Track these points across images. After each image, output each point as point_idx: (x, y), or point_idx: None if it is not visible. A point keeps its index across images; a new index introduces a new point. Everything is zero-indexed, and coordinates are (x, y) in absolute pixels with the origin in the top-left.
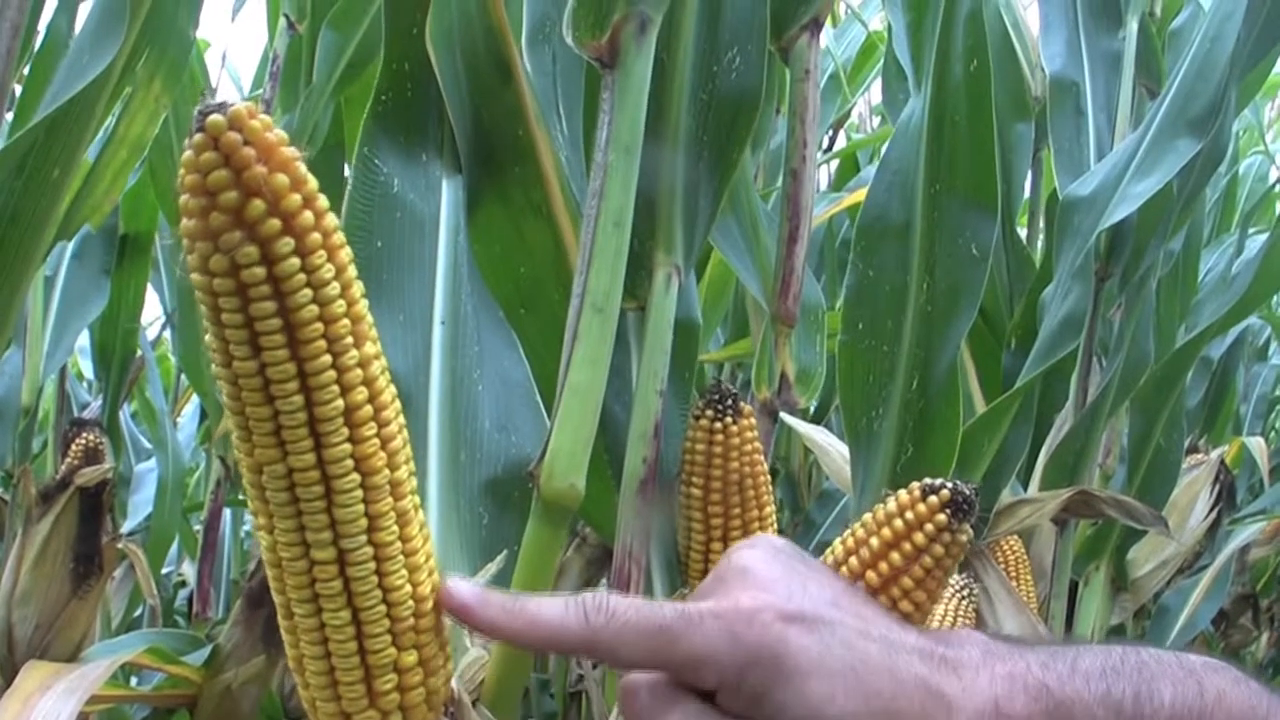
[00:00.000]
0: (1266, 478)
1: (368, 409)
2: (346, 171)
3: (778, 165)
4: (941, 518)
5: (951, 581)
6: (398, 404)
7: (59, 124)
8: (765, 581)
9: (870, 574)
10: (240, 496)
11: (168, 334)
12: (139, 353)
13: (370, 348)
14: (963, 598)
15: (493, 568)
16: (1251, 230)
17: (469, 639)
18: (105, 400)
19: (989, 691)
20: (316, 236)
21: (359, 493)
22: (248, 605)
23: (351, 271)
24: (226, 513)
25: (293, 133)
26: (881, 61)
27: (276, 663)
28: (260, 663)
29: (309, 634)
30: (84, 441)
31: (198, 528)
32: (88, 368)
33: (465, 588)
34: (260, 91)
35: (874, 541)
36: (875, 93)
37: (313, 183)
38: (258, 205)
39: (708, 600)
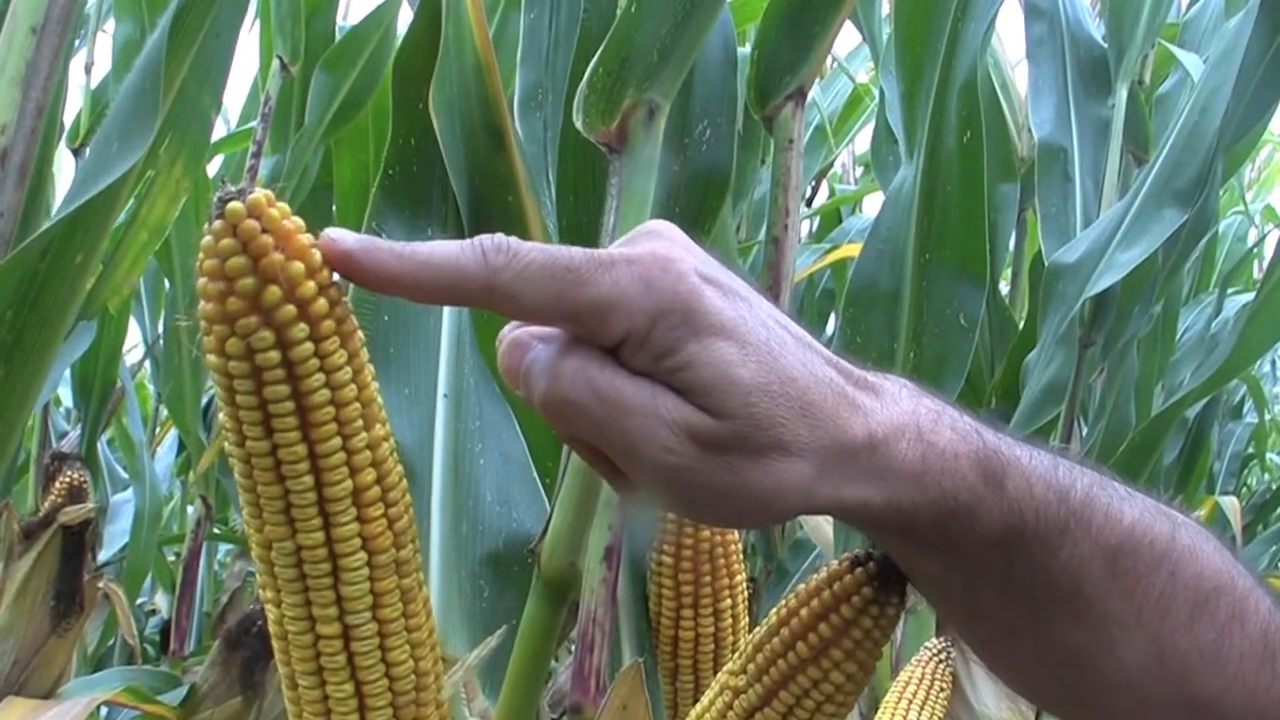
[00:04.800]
0: (1240, 535)
1: (376, 490)
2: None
3: (759, 217)
4: (868, 591)
5: (929, 644)
6: (405, 484)
7: (84, 211)
8: (682, 243)
9: (801, 645)
10: (216, 531)
11: (147, 363)
12: (119, 383)
13: (379, 429)
14: (940, 661)
15: (492, 641)
16: (1230, 290)
17: (467, 709)
18: (84, 430)
19: (911, 416)
20: (330, 323)
21: (365, 570)
22: (226, 647)
23: (364, 355)
24: None
25: (283, 174)
26: (866, 113)
27: (253, 704)
28: (237, 704)
29: (312, 705)
30: (68, 479)
31: (171, 558)
32: (66, 395)
33: (348, 235)
34: (249, 126)
35: (804, 612)
36: (858, 142)
37: (329, 270)
38: (274, 292)
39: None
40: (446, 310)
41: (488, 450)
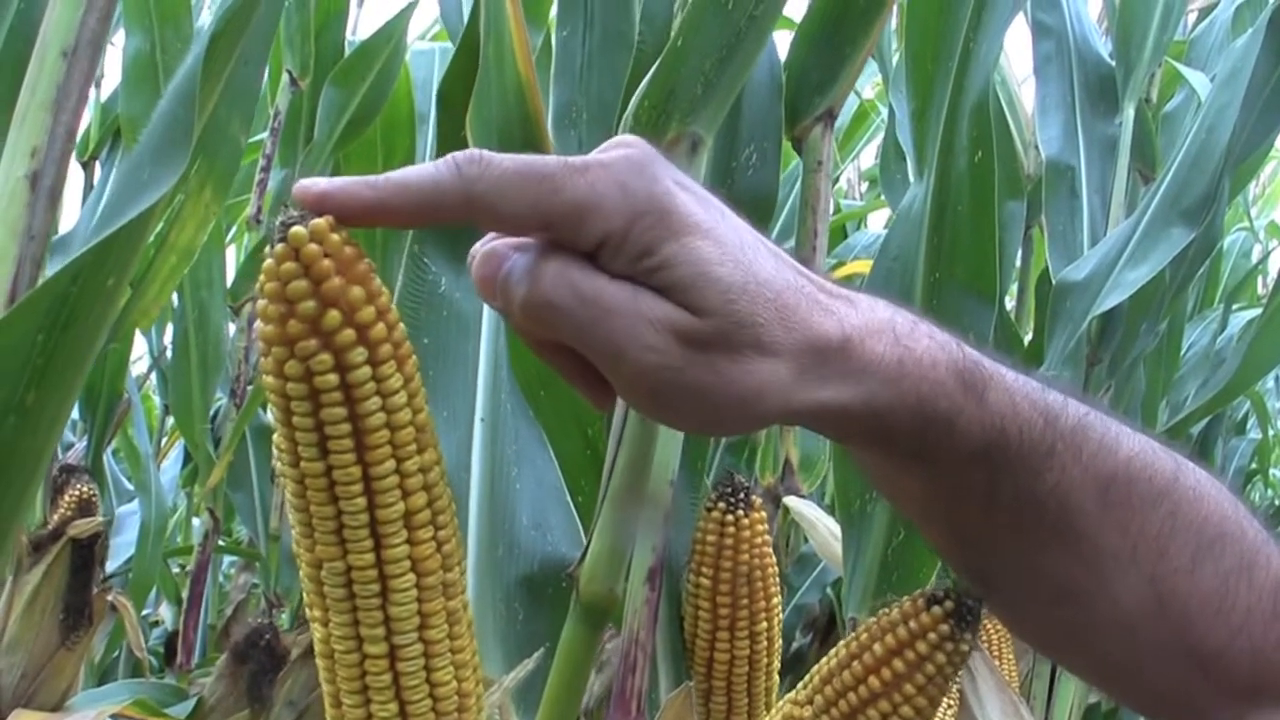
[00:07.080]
0: None
1: (426, 513)
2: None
3: (768, 230)
4: (945, 628)
5: None
6: (453, 507)
7: (115, 236)
8: (654, 152)
9: (873, 679)
10: (222, 543)
11: (153, 375)
12: (125, 395)
13: (431, 454)
14: None
15: (530, 664)
16: (1235, 307)
17: None
18: (90, 441)
19: (888, 322)
20: (388, 348)
21: (414, 592)
22: (233, 659)
23: (419, 379)
24: None
25: (291, 188)
26: (872, 128)
27: (260, 717)
28: (244, 717)
29: None
30: (78, 492)
31: (175, 570)
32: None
33: (319, 180)
34: (258, 139)
35: (878, 647)
36: (863, 158)
37: (386, 295)
38: (334, 316)
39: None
40: (485, 334)
41: (523, 474)
